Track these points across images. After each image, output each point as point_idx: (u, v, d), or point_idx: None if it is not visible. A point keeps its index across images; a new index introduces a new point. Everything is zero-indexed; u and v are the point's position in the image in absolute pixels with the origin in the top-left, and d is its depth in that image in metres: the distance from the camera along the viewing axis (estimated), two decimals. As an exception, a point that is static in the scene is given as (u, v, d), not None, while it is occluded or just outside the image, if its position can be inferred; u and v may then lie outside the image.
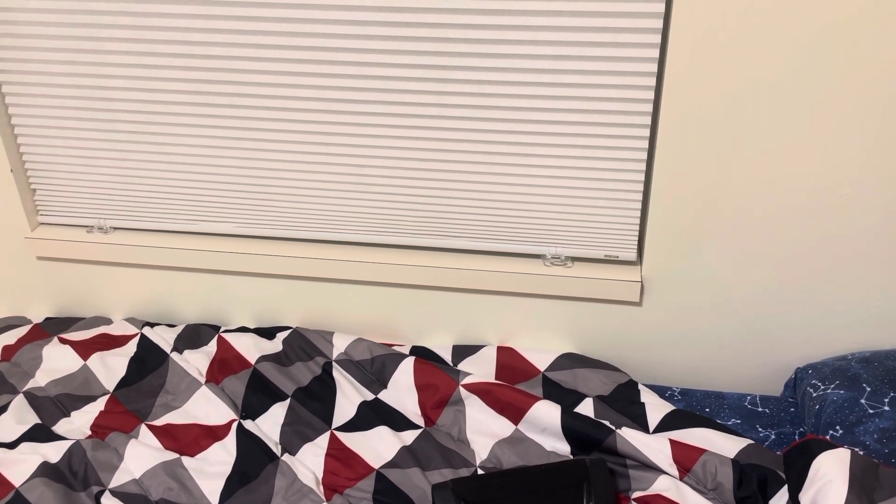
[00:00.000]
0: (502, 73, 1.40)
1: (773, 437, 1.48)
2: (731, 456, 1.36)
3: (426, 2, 1.36)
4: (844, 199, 1.40)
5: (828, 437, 1.33)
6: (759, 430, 1.49)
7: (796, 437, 1.48)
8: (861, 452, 1.27)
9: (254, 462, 1.41)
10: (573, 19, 1.33)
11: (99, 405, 1.55)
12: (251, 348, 1.65)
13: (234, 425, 1.48)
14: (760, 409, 1.54)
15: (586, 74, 1.38)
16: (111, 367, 1.63)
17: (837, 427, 1.33)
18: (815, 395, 1.43)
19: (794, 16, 1.26)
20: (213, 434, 1.48)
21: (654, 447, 1.36)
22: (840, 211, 1.41)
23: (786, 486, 1.29)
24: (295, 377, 1.60)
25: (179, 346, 1.69)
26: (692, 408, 1.56)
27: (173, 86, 1.53)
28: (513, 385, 1.55)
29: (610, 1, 1.30)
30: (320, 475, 1.40)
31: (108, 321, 1.80)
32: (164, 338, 1.70)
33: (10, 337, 1.73)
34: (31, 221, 1.75)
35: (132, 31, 1.48)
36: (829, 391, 1.40)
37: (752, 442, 1.38)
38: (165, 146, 1.60)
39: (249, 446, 1.43)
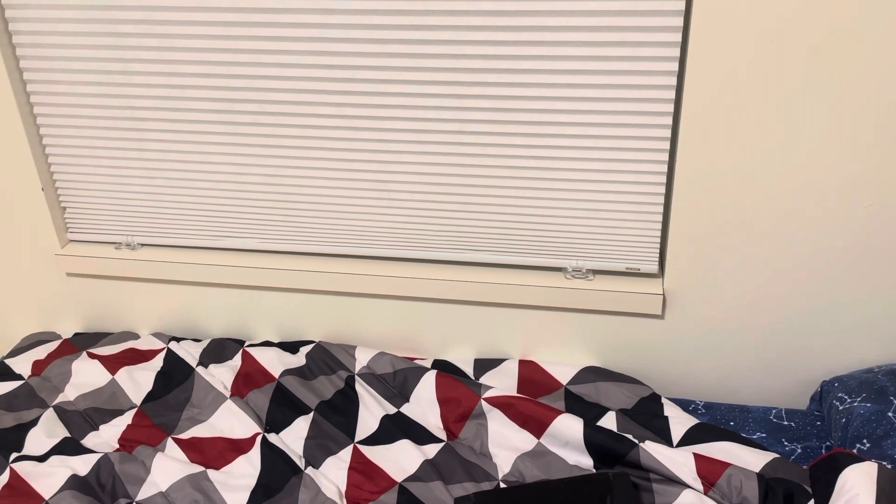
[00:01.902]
0: (522, 88, 1.42)
1: (799, 450, 1.46)
2: (757, 470, 1.35)
3: (446, 20, 1.38)
4: (869, 210, 1.39)
5: (855, 451, 1.32)
6: (785, 443, 1.48)
7: (823, 450, 1.46)
8: (888, 466, 1.25)
9: (278, 475, 1.42)
10: (592, 34, 1.34)
11: (126, 419, 1.58)
12: (275, 362, 1.67)
13: (259, 439, 1.49)
14: (786, 423, 1.53)
15: (606, 88, 1.39)
16: (138, 382, 1.65)
17: (864, 440, 1.32)
18: (841, 408, 1.41)
19: (815, 31, 1.25)
20: (237, 447, 1.49)
21: (678, 461, 1.35)
22: (865, 222, 1.40)
23: (812, 501, 1.28)
24: (318, 391, 1.61)
25: (205, 360, 1.71)
26: (716, 421, 1.54)
27: (199, 105, 1.56)
28: (535, 398, 1.54)
29: (628, 16, 1.31)
30: (343, 488, 1.41)
31: (136, 336, 1.83)
32: (189, 352, 1.72)
33: (41, 352, 1.76)
34: (61, 239, 1.78)
35: (159, 52, 1.52)
36: (855, 404, 1.38)
37: (777, 456, 1.37)
38: (191, 164, 1.63)
39: (273, 459, 1.44)
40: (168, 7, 1.46)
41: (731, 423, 1.54)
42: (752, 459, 1.36)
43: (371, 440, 1.51)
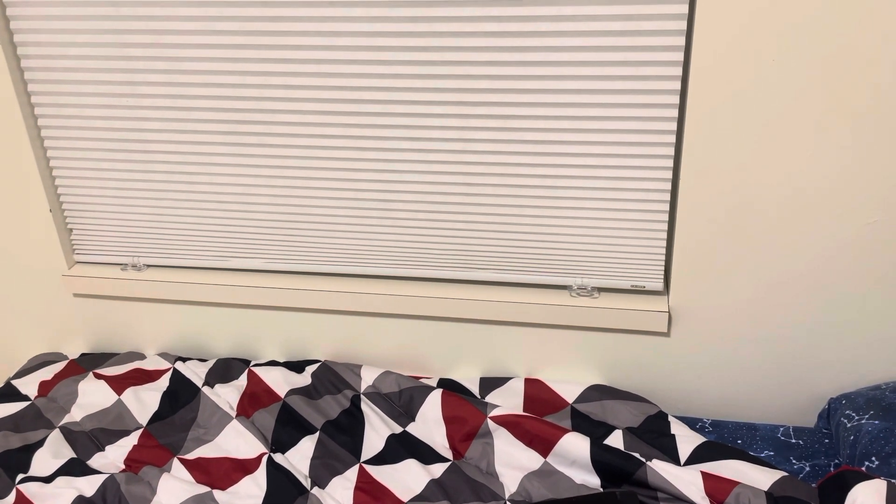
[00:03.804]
0: (526, 108, 1.43)
1: (807, 468, 1.45)
2: (765, 488, 1.34)
3: (450, 41, 1.39)
4: (874, 227, 1.39)
5: (863, 469, 1.31)
6: (793, 461, 1.47)
7: (831, 468, 1.45)
8: (898, 484, 1.25)
9: (284, 495, 1.41)
10: (595, 54, 1.35)
11: (132, 439, 1.58)
12: (281, 382, 1.67)
13: (265, 459, 1.49)
14: (794, 441, 1.52)
15: (609, 107, 1.40)
16: (144, 402, 1.65)
17: (873, 458, 1.31)
18: (849, 425, 1.40)
19: (818, 50, 1.26)
20: (243, 467, 1.49)
21: (686, 479, 1.34)
22: (870, 238, 1.40)
23: (822, 519, 1.27)
24: (324, 410, 1.61)
25: (211, 380, 1.71)
26: (724, 439, 1.54)
27: (205, 126, 1.57)
28: (541, 417, 1.54)
29: (631, 36, 1.33)
30: (350, 509, 1.41)
31: (142, 356, 1.83)
32: (195, 372, 1.73)
33: (47, 373, 1.77)
34: (67, 260, 1.79)
35: (167, 74, 1.53)
36: (863, 421, 1.38)
37: (786, 474, 1.36)
38: (197, 185, 1.64)
39: (279, 480, 1.44)
40: (176, 31, 1.48)
41: (739, 441, 1.53)
42: (761, 478, 1.36)
43: (377, 460, 1.50)
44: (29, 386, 1.72)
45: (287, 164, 1.58)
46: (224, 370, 1.74)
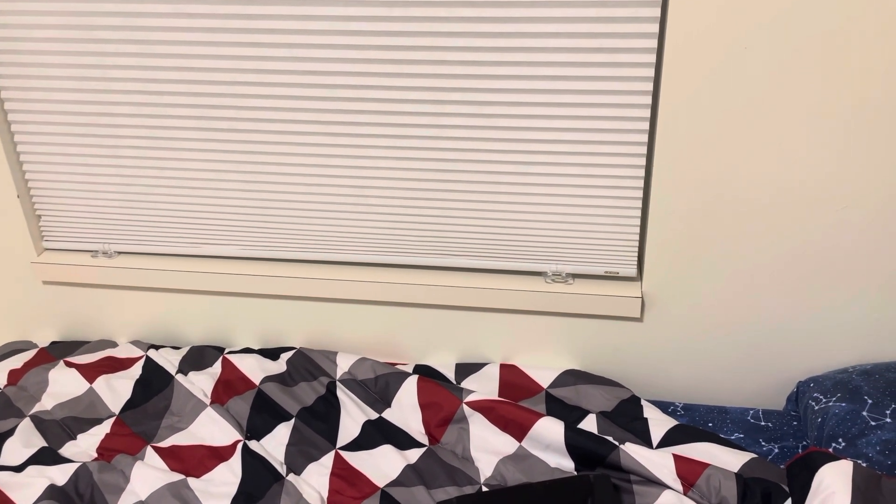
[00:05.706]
0: (500, 94, 1.43)
1: (776, 450, 1.48)
2: (735, 470, 1.36)
3: (425, 26, 1.39)
4: (844, 213, 1.41)
5: (830, 450, 1.34)
6: (763, 444, 1.50)
7: (799, 450, 1.48)
8: (864, 464, 1.27)
9: (259, 482, 1.41)
10: (569, 41, 1.36)
11: (105, 427, 1.56)
12: (255, 369, 1.66)
13: (240, 446, 1.48)
14: (763, 423, 1.55)
15: (583, 94, 1.40)
16: (117, 390, 1.64)
17: (840, 439, 1.34)
18: (817, 408, 1.43)
19: (787, 38, 1.28)
20: (218, 455, 1.48)
21: (658, 462, 1.36)
22: (839, 225, 1.42)
23: (790, 499, 1.29)
24: (299, 397, 1.60)
25: (184, 367, 1.70)
26: (695, 422, 1.56)
27: (176, 111, 1.55)
28: (516, 402, 1.55)
29: (605, 23, 1.33)
30: (325, 495, 1.41)
31: (114, 344, 1.81)
32: (169, 360, 1.71)
33: (17, 361, 1.74)
34: (36, 247, 1.76)
35: (136, 58, 1.51)
36: (830, 404, 1.41)
37: (755, 456, 1.38)
38: (168, 170, 1.62)
39: (255, 467, 1.44)
40: (146, 13, 1.46)
41: (710, 424, 1.55)
42: (731, 460, 1.38)
43: (353, 446, 1.51)
44: (-2, 375, 1.70)
45: (260, 150, 1.57)
46: (198, 358, 1.73)
